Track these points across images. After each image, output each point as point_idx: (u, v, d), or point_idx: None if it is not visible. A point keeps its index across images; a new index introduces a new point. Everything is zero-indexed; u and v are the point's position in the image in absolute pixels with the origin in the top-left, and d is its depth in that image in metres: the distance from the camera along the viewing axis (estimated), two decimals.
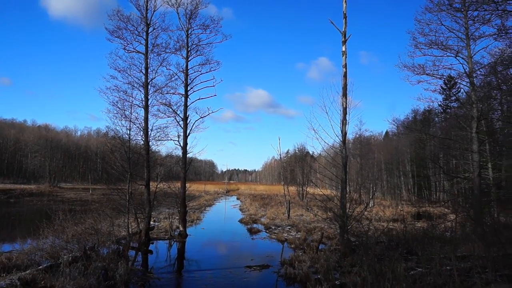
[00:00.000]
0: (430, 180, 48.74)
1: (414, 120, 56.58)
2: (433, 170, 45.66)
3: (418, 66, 20.32)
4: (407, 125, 53.63)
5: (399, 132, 63.40)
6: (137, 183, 19.67)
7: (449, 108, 42.43)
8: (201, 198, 55.83)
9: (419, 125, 49.49)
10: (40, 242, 14.92)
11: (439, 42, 19.83)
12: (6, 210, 35.06)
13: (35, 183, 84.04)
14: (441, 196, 43.52)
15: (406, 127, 51.80)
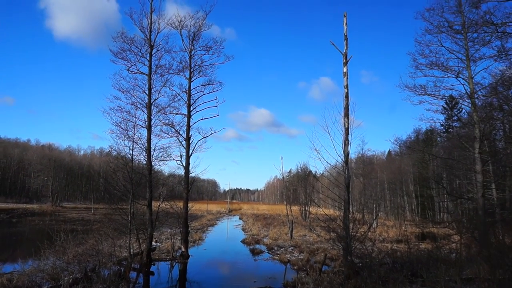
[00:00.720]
0: (434, 200, 48.44)
1: (416, 140, 56.53)
2: (437, 190, 45.44)
3: (420, 87, 20.45)
4: (409, 145, 53.59)
5: (401, 151, 63.36)
6: (139, 203, 19.62)
7: (451, 128, 42.45)
8: (203, 217, 55.53)
9: (421, 145, 49.38)
10: (41, 263, 14.84)
11: (439, 63, 20.00)
12: (8, 230, 34.95)
13: (38, 203, 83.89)
14: (445, 216, 43.19)
15: (409, 147, 51.76)
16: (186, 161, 21.60)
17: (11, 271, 14.00)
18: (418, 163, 50.97)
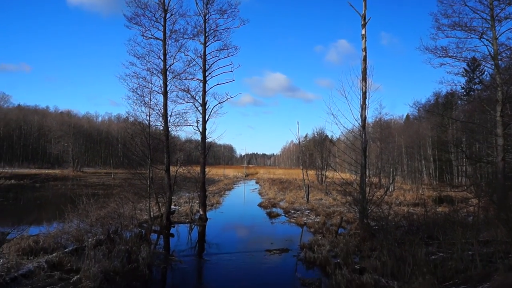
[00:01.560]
0: (452, 165, 47.92)
1: (436, 104, 55.39)
2: (455, 154, 44.89)
3: (441, 49, 19.81)
4: (428, 108, 52.53)
5: (420, 115, 62.31)
6: (158, 168, 19.96)
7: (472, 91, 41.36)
8: (220, 182, 56.32)
9: (441, 108, 48.43)
10: (66, 225, 15.41)
11: (462, 23, 19.23)
12: (32, 194, 36.15)
13: (59, 168, 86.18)
14: (463, 180, 42.84)
15: (428, 111, 50.79)
16: (203, 126, 21.70)
17: (37, 233, 14.56)
18: (437, 127, 50.15)
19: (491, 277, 9.38)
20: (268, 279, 11.41)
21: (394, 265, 10.57)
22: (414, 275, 9.62)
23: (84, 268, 10.10)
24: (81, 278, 9.68)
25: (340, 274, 10.20)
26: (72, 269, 10.78)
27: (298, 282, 10.62)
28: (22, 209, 26.17)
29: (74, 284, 9.57)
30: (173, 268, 12.10)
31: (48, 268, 10.62)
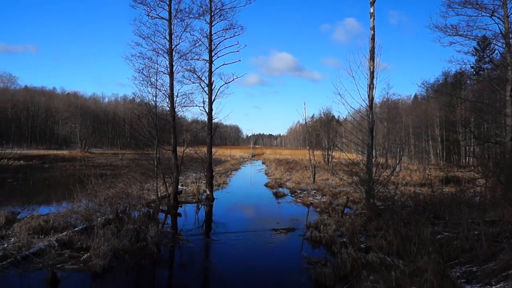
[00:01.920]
0: (460, 145, 47.58)
1: (444, 83, 54.64)
2: (463, 135, 44.56)
3: (451, 27, 19.40)
4: (437, 88, 51.90)
5: (428, 95, 61.64)
6: (164, 148, 20.06)
7: (482, 70, 40.67)
8: (227, 162, 56.57)
9: (449, 88, 47.78)
10: (75, 205, 15.64)
11: (473, 1, 18.76)
12: (41, 174, 36.60)
13: (67, 149, 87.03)
14: (471, 160, 42.57)
15: (436, 90, 50.20)
16: (209, 106, 21.67)
17: (47, 213, 14.81)
18: (445, 107, 49.65)
19: (496, 256, 9.42)
20: (274, 258, 11.56)
21: (400, 244, 10.65)
22: (419, 254, 9.69)
23: (94, 246, 10.29)
24: (91, 256, 9.88)
25: (346, 253, 10.30)
26: (82, 248, 10.99)
27: (304, 260, 10.75)
28: (32, 189, 26.55)
29: (84, 262, 9.78)
30: (181, 247, 12.28)
31: (58, 247, 10.85)
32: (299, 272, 9.82)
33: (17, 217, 11.54)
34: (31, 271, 9.21)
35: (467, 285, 8.46)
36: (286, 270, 10.30)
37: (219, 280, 9.61)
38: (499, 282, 8.11)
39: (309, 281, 9.16)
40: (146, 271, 10.32)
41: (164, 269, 10.72)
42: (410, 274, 8.75)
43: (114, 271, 9.63)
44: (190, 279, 9.71)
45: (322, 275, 9.07)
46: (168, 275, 10.30)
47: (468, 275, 9.00)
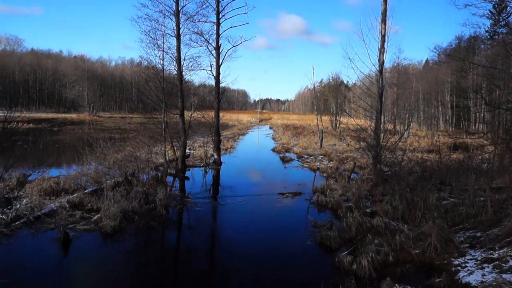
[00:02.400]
0: (470, 111, 46.96)
1: (457, 48, 53.28)
2: (474, 101, 43.84)
3: None
4: (449, 52, 50.72)
5: (440, 60, 60.33)
6: (172, 112, 20.05)
7: (496, 34, 39.46)
8: (234, 127, 56.63)
9: (462, 53, 46.62)
10: (85, 168, 15.89)
11: None
12: (50, 138, 37.02)
13: (75, 112, 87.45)
14: (481, 127, 42.17)
15: (449, 55, 49.08)
16: (216, 70, 21.45)
17: (57, 175, 15.05)
18: (457, 72, 48.66)
19: (501, 222, 9.49)
20: (280, 221, 11.75)
21: (405, 210, 10.74)
22: (424, 219, 9.78)
23: (104, 208, 10.52)
24: (102, 217, 10.11)
25: (351, 217, 10.43)
26: (92, 209, 11.24)
27: (310, 224, 10.91)
28: (42, 152, 26.94)
29: (95, 223, 10.03)
30: (189, 209, 12.51)
31: (69, 208, 11.11)
32: (305, 235, 10.00)
33: (28, 179, 11.75)
34: (44, 231, 9.47)
35: (471, 249, 8.57)
36: (292, 233, 10.49)
37: (226, 242, 9.83)
38: (502, 248, 8.20)
39: (315, 243, 9.33)
40: (155, 232, 10.58)
41: (173, 231, 10.97)
42: (414, 238, 8.88)
43: (124, 231, 9.88)
44: (197, 240, 9.95)
45: (327, 238, 9.24)
46: (176, 236, 10.55)
47: (472, 240, 9.11)
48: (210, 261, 8.93)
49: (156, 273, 8.06)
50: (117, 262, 8.29)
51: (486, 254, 8.09)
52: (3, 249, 7.98)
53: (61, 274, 7.40)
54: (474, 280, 7.12)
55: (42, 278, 6.90)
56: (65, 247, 8.59)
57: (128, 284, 7.29)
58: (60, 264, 7.94)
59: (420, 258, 8.15)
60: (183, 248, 9.71)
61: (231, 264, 8.38)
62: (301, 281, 7.61)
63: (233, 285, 7.41)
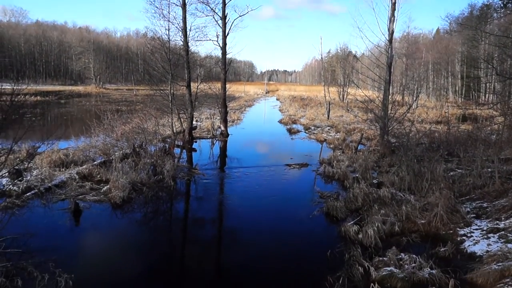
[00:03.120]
0: (480, 81, 46.21)
1: (469, 16, 51.87)
2: (485, 71, 43.02)
3: None
4: (461, 21, 49.40)
5: (451, 29, 58.90)
6: (179, 84, 19.95)
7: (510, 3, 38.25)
8: (241, 98, 56.34)
9: (474, 21, 45.42)
10: (93, 140, 16.01)
11: None
12: (58, 110, 37.18)
13: (82, 84, 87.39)
14: (491, 98, 41.57)
15: (460, 24, 47.88)
16: (223, 41, 21.17)
17: (66, 147, 15.21)
18: (468, 41, 47.58)
19: (508, 193, 9.49)
20: (287, 192, 11.85)
21: (412, 180, 10.75)
22: (431, 190, 9.80)
23: (113, 179, 10.65)
24: (111, 188, 10.26)
25: (358, 187, 10.47)
26: (101, 180, 11.40)
27: (317, 195, 10.99)
28: (50, 125, 27.13)
29: (104, 194, 10.19)
30: (196, 180, 12.63)
31: (79, 179, 11.27)
32: (312, 205, 10.09)
33: (37, 151, 11.88)
34: (55, 202, 9.65)
35: (476, 220, 8.62)
36: (298, 204, 10.59)
37: (233, 212, 9.96)
38: (508, 218, 8.23)
39: (321, 213, 9.43)
40: (164, 202, 10.74)
41: (180, 201, 11.12)
42: (421, 209, 8.93)
43: (133, 202, 10.04)
44: (205, 210, 10.09)
45: (333, 208, 9.32)
46: (184, 207, 10.70)
47: (478, 210, 9.15)
48: (218, 231, 9.08)
49: (165, 242, 8.23)
50: (127, 232, 8.47)
51: (492, 224, 8.13)
52: (16, 219, 8.16)
53: (72, 243, 7.59)
54: (479, 250, 7.19)
55: (55, 247, 7.08)
56: (76, 217, 8.77)
57: (138, 253, 7.46)
58: (71, 234, 8.12)
59: (426, 228, 8.22)
60: (191, 218, 9.86)
61: (238, 233, 8.52)
62: (308, 250, 7.73)
63: (240, 253, 7.55)
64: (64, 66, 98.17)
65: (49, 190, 10.30)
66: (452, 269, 6.39)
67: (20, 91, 8.10)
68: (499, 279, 5.98)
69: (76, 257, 6.92)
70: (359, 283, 6.11)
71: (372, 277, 6.19)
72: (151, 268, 6.87)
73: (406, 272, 6.21)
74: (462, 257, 7.11)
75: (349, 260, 6.78)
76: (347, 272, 6.34)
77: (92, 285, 6.06)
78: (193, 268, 7.11)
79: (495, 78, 32.69)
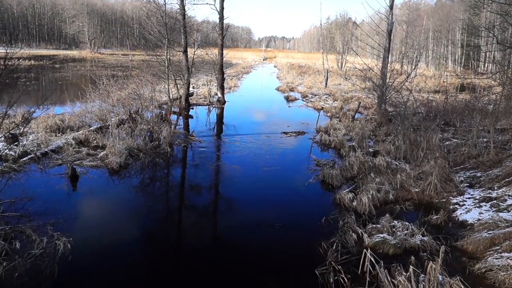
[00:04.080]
0: (480, 50, 45.74)
1: None
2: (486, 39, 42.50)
3: None
4: None
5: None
6: (175, 49, 19.62)
7: None
8: (238, 65, 55.67)
9: None
10: (89, 105, 15.88)
11: None
12: (53, 74, 36.66)
13: (76, 49, 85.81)
14: (490, 67, 41.29)
15: None
16: (220, 4, 20.67)
17: (62, 113, 15.09)
18: (470, 9, 46.69)
19: (502, 163, 9.58)
20: (283, 159, 11.90)
21: (408, 149, 10.82)
22: (426, 159, 9.89)
23: (109, 145, 10.65)
24: (107, 154, 10.27)
25: (354, 156, 10.54)
26: (98, 146, 11.42)
27: (313, 163, 11.07)
28: (45, 90, 26.81)
29: (101, 159, 10.21)
30: (193, 147, 12.66)
31: (76, 144, 11.26)
32: (308, 173, 10.19)
33: (32, 115, 11.80)
34: (51, 167, 9.68)
35: (470, 189, 8.74)
36: (295, 171, 10.68)
37: (230, 178, 10.02)
38: (501, 187, 8.35)
39: (317, 181, 9.53)
40: (160, 168, 10.80)
41: (177, 167, 11.18)
42: (415, 177, 9.04)
43: (130, 168, 10.09)
44: (202, 176, 10.16)
45: (329, 176, 9.40)
46: (181, 173, 10.76)
47: (471, 180, 9.26)
48: (214, 197, 9.18)
49: (161, 208, 8.34)
50: (124, 197, 8.54)
51: (484, 194, 8.25)
52: (13, 183, 8.19)
53: (70, 207, 7.66)
54: (470, 218, 7.33)
55: (53, 211, 7.14)
56: (73, 182, 8.82)
57: (135, 217, 7.56)
58: (69, 198, 8.19)
59: (420, 196, 8.35)
60: (188, 184, 9.94)
61: (234, 200, 8.62)
62: (303, 216, 7.86)
63: (235, 220, 7.67)
64: (58, 30, 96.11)
65: (45, 155, 10.31)
66: (444, 236, 6.56)
67: (13, 55, 7.95)
68: (489, 246, 6.13)
69: (74, 221, 7.00)
70: (352, 249, 6.25)
71: (365, 243, 6.34)
72: (148, 232, 7.00)
73: (398, 238, 6.35)
74: (454, 225, 7.26)
75: (343, 227, 6.92)
76: (341, 238, 6.48)
77: (90, 248, 6.16)
78: (189, 233, 7.24)
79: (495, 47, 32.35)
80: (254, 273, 5.76)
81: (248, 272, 5.81)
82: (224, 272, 5.77)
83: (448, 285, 5.03)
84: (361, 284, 5.23)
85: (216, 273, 5.76)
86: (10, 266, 5.27)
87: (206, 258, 6.25)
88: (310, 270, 5.61)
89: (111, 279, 5.50)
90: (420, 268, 5.36)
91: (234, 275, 5.69)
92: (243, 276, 5.69)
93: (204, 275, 5.70)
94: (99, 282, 5.39)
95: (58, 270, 5.36)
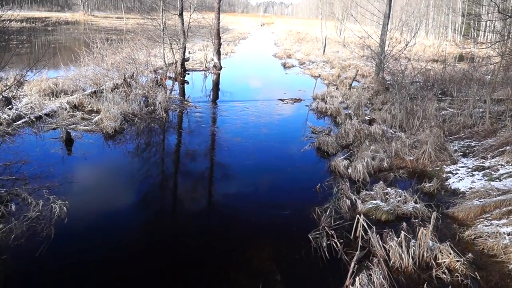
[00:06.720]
0: (481, 19, 45.04)
1: None
2: (487, 8, 41.79)
3: None
4: None
5: None
6: (171, 12, 19.14)
7: None
8: (235, 30, 54.60)
9: None
10: (83, 69, 15.60)
11: None
12: (46, 37, 35.83)
13: (70, 11, 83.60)
14: (490, 37, 40.83)
15: None
16: None
17: (55, 76, 14.83)
18: None
19: (497, 133, 9.63)
20: (279, 126, 11.89)
21: (404, 118, 10.83)
22: (421, 128, 9.92)
23: (104, 109, 10.56)
24: (102, 119, 10.20)
25: (350, 124, 10.55)
26: (92, 110, 11.33)
27: (309, 130, 11.08)
28: (38, 52, 26.27)
29: (96, 124, 10.15)
30: (188, 112, 12.59)
31: (70, 108, 11.15)
32: (303, 140, 10.20)
33: (25, 78, 11.59)
34: (46, 130, 9.62)
35: (463, 158, 8.81)
36: (290, 138, 10.68)
37: (225, 144, 10.02)
38: (494, 157, 8.42)
39: (312, 148, 9.56)
40: (155, 134, 10.76)
41: (172, 133, 11.14)
42: (410, 146, 9.09)
43: (125, 133, 10.06)
44: (197, 142, 10.15)
45: (325, 143, 9.43)
46: (177, 138, 10.73)
47: (466, 149, 9.32)
48: (209, 163, 9.19)
49: (156, 173, 8.37)
50: (119, 162, 8.55)
51: (478, 163, 8.33)
52: (8, 147, 8.16)
53: (66, 171, 7.65)
54: (463, 186, 7.42)
55: (48, 174, 7.14)
56: (68, 146, 8.80)
57: (130, 182, 7.59)
58: (64, 162, 8.18)
59: (414, 164, 8.43)
60: (183, 150, 9.93)
61: (230, 166, 8.65)
62: (298, 183, 7.92)
63: (231, 186, 7.73)
64: None
65: (39, 119, 10.22)
66: (436, 203, 6.67)
67: (4, 16, 7.73)
68: (479, 214, 6.25)
69: (70, 184, 7.01)
70: (345, 214, 6.35)
71: (358, 209, 6.43)
72: (142, 196, 7.06)
73: (391, 205, 6.45)
74: (446, 193, 7.37)
75: (337, 193, 7.01)
76: (335, 204, 6.58)
77: (86, 211, 6.21)
78: (183, 198, 7.31)
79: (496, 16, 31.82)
80: (248, 238, 5.86)
81: (243, 236, 5.91)
82: (218, 237, 5.87)
83: (437, 250, 5.16)
84: (353, 248, 5.35)
85: (210, 237, 5.86)
86: (6, 228, 5.32)
87: (201, 222, 6.34)
88: (303, 234, 5.72)
89: (106, 241, 5.58)
90: (411, 234, 5.49)
91: (228, 239, 5.80)
92: (238, 240, 5.78)
93: (198, 239, 5.79)
94: (95, 244, 5.47)
95: (55, 232, 5.42)
